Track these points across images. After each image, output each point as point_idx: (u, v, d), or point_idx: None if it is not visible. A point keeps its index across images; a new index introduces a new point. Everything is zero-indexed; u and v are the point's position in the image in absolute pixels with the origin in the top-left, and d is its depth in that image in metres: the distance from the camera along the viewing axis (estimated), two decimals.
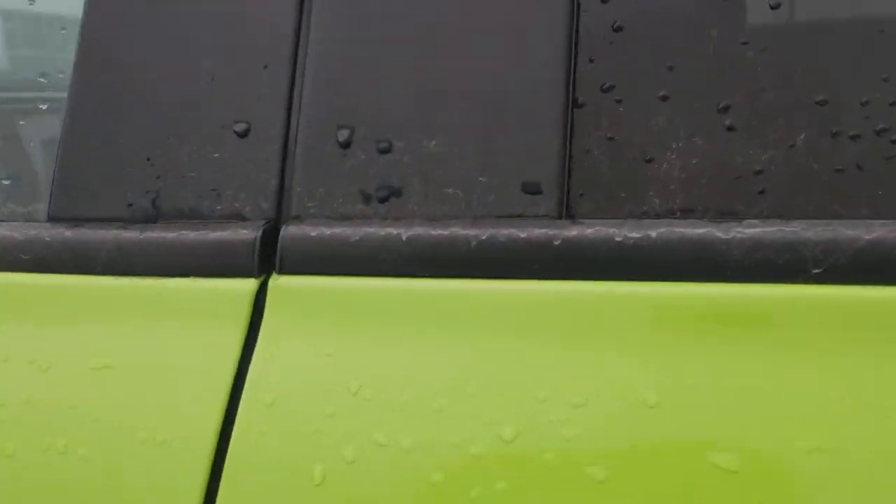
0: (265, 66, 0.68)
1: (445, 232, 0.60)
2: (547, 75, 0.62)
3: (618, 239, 0.58)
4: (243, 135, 0.67)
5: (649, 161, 0.61)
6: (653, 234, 0.57)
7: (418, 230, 0.61)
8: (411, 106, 0.64)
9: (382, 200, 0.64)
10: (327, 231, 0.63)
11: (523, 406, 0.56)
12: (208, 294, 0.64)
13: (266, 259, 0.65)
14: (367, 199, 0.64)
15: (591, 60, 0.63)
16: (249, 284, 0.64)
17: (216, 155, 0.68)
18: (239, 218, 0.67)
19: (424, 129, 0.64)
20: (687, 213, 0.60)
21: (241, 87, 0.68)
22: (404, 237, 0.61)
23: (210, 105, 0.68)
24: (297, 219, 0.65)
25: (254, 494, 0.58)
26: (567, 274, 0.58)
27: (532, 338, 0.58)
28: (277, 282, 0.63)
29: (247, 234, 0.64)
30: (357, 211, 0.64)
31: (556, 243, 0.58)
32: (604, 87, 0.62)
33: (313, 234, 0.63)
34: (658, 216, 0.60)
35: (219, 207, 0.67)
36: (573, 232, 0.59)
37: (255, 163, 0.67)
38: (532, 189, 0.62)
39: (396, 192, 0.64)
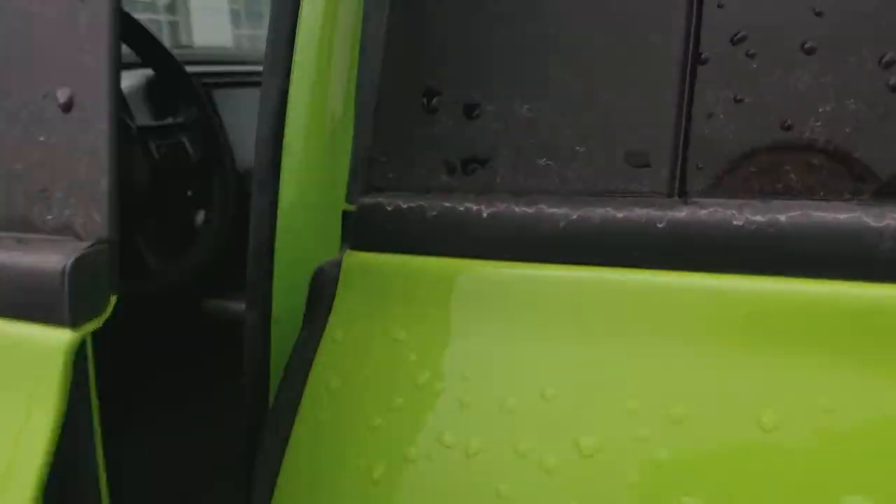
0: (82, 0, 0.49)
1: (531, 210, 0.53)
2: (663, 24, 0.52)
3: (737, 223, 0.47)
4: (66, 108, 0.49)
5: (788, 128, 0.50)
6: (782, 217, 0.46)
7: (500, 206, 0.54)
8: (502, 65, 0.56)
9: (468, 171, 0.57)
10: (403, 205, 0.57)
11: (610, 416, 0.48)
12: (9, 347, 0.48)
13: (89, 299, 0.46)
14: (451, 169, 0.57)
15: (720, 6, 0.52)
16: (60, 338, 0.45)
17: (41, 138, 0.50)
18: (70, 233, 0.49)
19: (516, 92, 0.56)
20: (833, 193, 0.48)
21: (60, 37, 0.49)
22: (485, 214, 0.54)
23: (27, 65, 0.51)
24: (377, 190, 0.59)
25: (310, 484, 0.54)
26: (672, 264, 0.49)
27: (625, 337, 0.49)
28: (351, 258, 0.58)
29: (55, 261, 0.46)
30: (440, 182, 0.58)
31: (660, 226, 0.49)
32: (734, 37, 0.52)
33: (389, 207, 0.57)
34: (795, 197, 0.49)
35: (49, 217, 0.50)
36: (682, 213, 0.49)
37: (82, 151, 0.48)
38: (638, 161, 0.52)
39: (482, 162, 0.56)
